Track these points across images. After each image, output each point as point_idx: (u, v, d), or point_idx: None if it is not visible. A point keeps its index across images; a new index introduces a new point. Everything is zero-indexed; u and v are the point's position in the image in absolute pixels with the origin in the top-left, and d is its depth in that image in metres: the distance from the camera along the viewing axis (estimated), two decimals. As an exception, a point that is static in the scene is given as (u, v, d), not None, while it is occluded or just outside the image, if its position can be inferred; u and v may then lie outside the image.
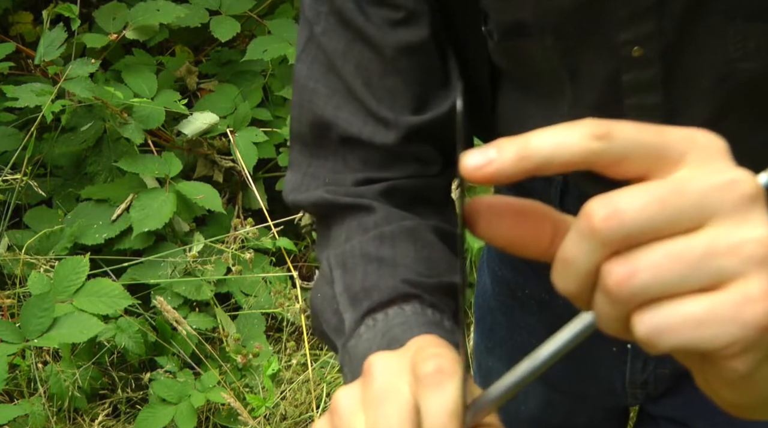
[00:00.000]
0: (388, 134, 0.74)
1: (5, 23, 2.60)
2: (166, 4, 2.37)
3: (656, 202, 0.40)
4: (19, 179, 2.21)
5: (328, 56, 0.75)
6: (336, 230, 0.75)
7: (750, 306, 0.39)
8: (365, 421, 0.48)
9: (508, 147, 0.41)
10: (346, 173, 0.75)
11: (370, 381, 0.49)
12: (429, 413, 0.47)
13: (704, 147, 0.42)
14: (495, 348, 1.08)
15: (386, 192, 0.75)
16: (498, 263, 1.04)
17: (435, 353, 0.49)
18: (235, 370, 2.13)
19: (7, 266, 2.18)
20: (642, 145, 0.42)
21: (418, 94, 0.75)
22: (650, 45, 0.67)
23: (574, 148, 0.41)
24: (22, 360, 1.98)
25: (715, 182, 0.40)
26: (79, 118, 2.30)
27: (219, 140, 2.43)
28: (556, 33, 0.70)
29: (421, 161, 0.76)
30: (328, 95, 0.75)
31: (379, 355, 0.51)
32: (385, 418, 0.47)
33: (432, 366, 0.48)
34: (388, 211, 0.74)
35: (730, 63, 0.67)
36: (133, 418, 2.11)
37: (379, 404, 0.48)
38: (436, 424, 0.46)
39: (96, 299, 1.96)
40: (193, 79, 2.56)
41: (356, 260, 0.70)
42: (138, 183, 2.27)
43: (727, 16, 0.65)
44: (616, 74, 0.70)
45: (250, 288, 2.26)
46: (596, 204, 0.41)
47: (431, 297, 0.68)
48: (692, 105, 0.70)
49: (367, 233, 0.72)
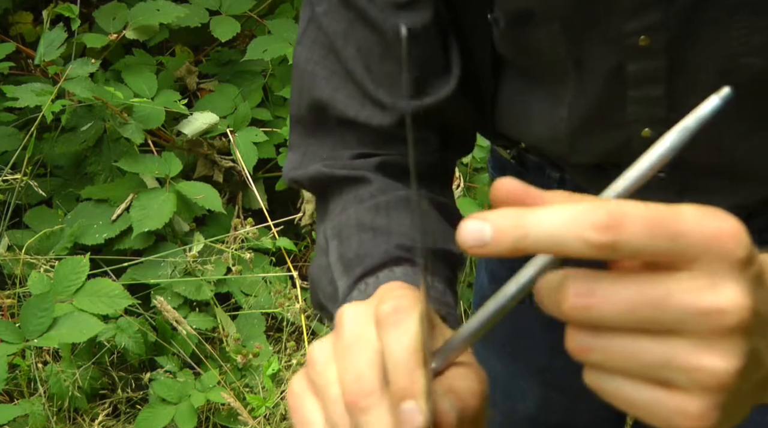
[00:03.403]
0: (384, 117, 0.74)
1: (5, 23, 2.60)
2: (166, 4, 2.37)
3: (635, 303, 0.39)
4: (19, 179, 2.21)
5: (328, 37, 0.75)
6: (333, 204, 0.76)
7: (683, 420, 0.40)
8: (337, 371, 0.49)
9: (505, 234, 0.40)
10: (343, 150, 0.76)
11: (340, 331, 0.51)
12: (389, 352, 0.48)
13: (717, 256, 0.40)
14: (494, 347, 1.08)
15: (381, 165, 0.75)
16: (496, 263, 1.04)
17: (395, 294, 0.50)
18: (235, 370, 2.13)
19: (7, 266, 2.18)
20: (653, 248, 0.39)
21: (418, 80, 0.75)
22: (657, 35, 0.67)
23: (574, 244, 0.39)
24: (22, 360, 1.98)
25: (703, 305, 0.39)
26: (79, 118, 2.30)
27: (219, 140, 2.43)
28: (563, 21, 0.70)
29: (417, 142, 0.76)
30: (326, 78, 0.75)
31: (349, 305, 0.52)
32: (354, 366, 0.48)
33: (389, 307, 0.49)
34: (384, 182, 0.74)
35: (733, 58, 0.67)
36: (133, 418, 2.10)
37: (348, 353, 0.49)
38: (397, 362, 0.47)
39: (96, 299, 1.96)
40: (193, 79, 2.55)
41: (351, 230, 0.70)
42: (138, 183, 2.27)
43: (733, 10, 0.65)
44: (621, 65, 0.70)
45: (250, 288, 2.26)
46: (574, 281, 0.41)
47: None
48: (694, 100, 0.70)
49: (362, 203, 0.72)
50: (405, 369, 0.46)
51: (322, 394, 0.50)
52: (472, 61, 0.78)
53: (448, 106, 0.76)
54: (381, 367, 0.48)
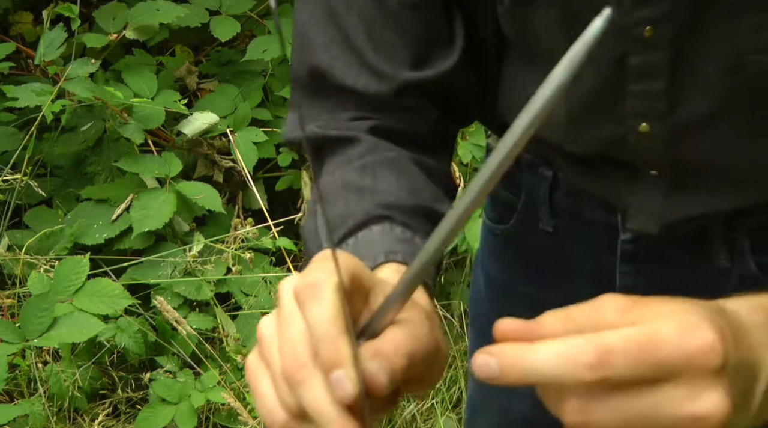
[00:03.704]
0: (381, 85, 0.75)
1: (5, 23, 2.59)
2: (166, 4, 2.37)
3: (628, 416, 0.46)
4: (19, 179, 2.21)
5: (329, 4, 0.75)
6: (327, 166, 0.76)
7: None
8: (278, 346, 0.51)
9: (511, 371, 0.48)
10: (342, 112, 0.77)
11: (280, 305, 0.53)
12: (311, 326, 0.49)
13: (697, 369, 0.46)
14: (486, 344, 1.08)
15: (374, 128, 0.76)
16: (491, 263, 1.04)
17: (312, 267, 0.51)
18: (235, 370, 2.13)
19: (7, 266, 2.18)
20: (639, 372, 0.45)
21: (419, 50, 0.75)
22: (663, 26, 0.66)
23: (571, 378, 0.46)
24: (22, 360, 1.98)
25: (687, 414, 0.45)
26: (79, 118, 2.30)
27: (219, 140, 2.42)
28: (562, 6, 0.69)
29: (415, 111, 0.77)
30: (325, 45, 0.76)
31: (287, 279, 0.53)
32: (289, 341, 0.50)
33: (304, 282, 0.51)
34: (374, 142, 0.75)
35: (740, 54, 0.66)
36: (133, 418, 2.10)
37: (284, 328, 0.51)
38: (320, 335, 0.49)
39: (96, 299, 1.96)
40: (193, 79, 2.55)
41: (338, 191, 0.71)
42: (138, 183, 2.27)
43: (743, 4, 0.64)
44: (623, 56, 0.69)
45: (250, 288, 2.26)
46: (571, 400, 0.47)
47: (403, 217, 0.69)
48: (695, 96, 0.70)
49: (350, 163, 0.73)
50: (327, 339, 0.48)
51: (270, 369, 0.52)
52: (478, 37, 0.78)
53: (450, 78, 0.76)
54: (308, 341, 0.50)
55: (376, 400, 0.50)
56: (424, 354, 0.52)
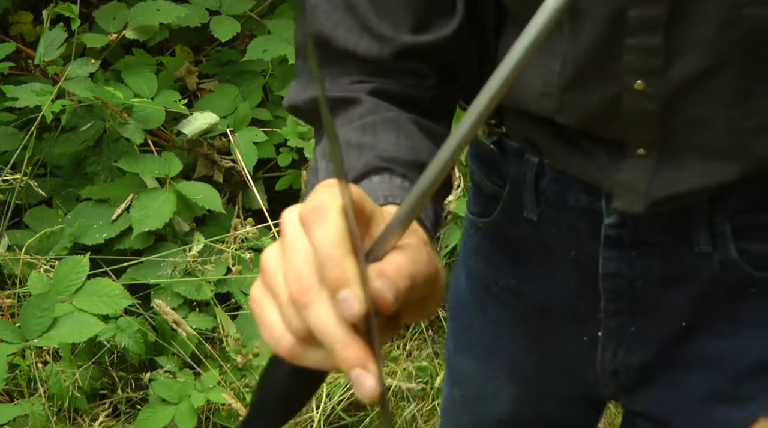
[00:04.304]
0: (382, 48, 0.76)
1: (5, 23, 2.59)
2: (166, 4, 2.37)
3: None
4: (19, 179, 2.21)
5: None
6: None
7: None
8: (282, 273, 0.52)
9: None
10: (343, 78, 0.78)
11: (283, 233, 0.53)
12: (316, 249, 0.50)
13: None
14: (466, 346, 1.08)
15: (375, 90, 0.77)
16: (473, 257, 1.04)
17: (316, 193, 0.52)
18: (235, 370, 2.13)
19: (7, 266, 2.18)
20: None
21: (420, 15, 0.77)
22: None
23: None
24: (22, 360, 1.98)
25: None
26: (79, 118, 2.30)
27: (219, 140, 2.42)
28: None
29: (416, 75, 0.78)
30: (328, 11, 0.77)
31: (289, 209, 0.54)
32: (293, 267, 0.51)
33: (309, 206, 0.51)
34: (375, 103, 0.76)
35: (736, 7, 0.67)
36: (133, 418, 2.10)
37: (288, 255, 0.52)
38: (325, 256, 0.49)
39: (96, 299, 1.96)
40: (193, 79, 2.55)
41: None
42: (138, 183, 2.27)
43: None
44: (622, 10, 0.70)
45: (250, 288, 2.25)
46: None
47: (403, 169, 0.70)
48: (690, 52, 0.71)
49: (351, 123, 0.74)
50: (333, 260, 0.49)
51: (275, 296, 0.53)
52: (478, 9, 0.80)
53: (449, 45, 0.78)
54: (313, 264, 0.50)
55: (378, 323, 0.51)
56: (425, 277, 0.53)
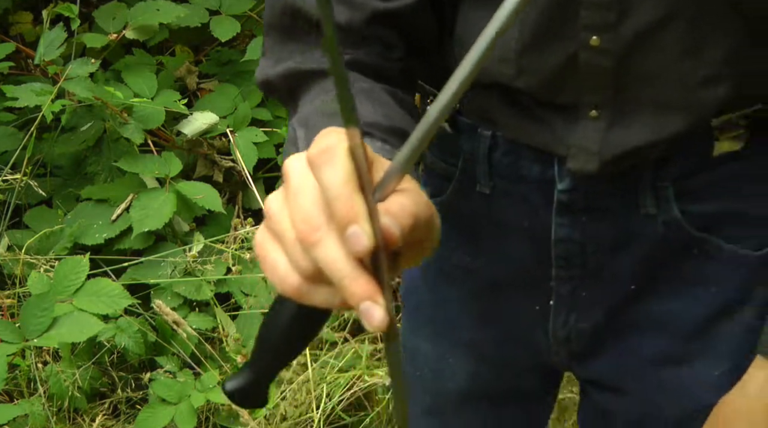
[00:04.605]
0: (353, 14, 0.78)
1: (5, 23, 2.59)
2: (166, 4, 2.37)
3: None
4: (19, 179, 2.21)
5: None
6: (302, 100, 0.79)
7: None
8: (288, 216, 0.54)
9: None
10: (314, 51, 0.80)
11: (287, 180, 0.55)
12: (326, 188, 0.52)
13: None
14: (420, 327, 1.09)
15: (350, 62, 0.79)
16: None
17: (324, 134, 0.54)
18: (235, 370, 2.12)
19: (7, 266, 2.18)
20: None
21: None
22: None
23: None
24: (22, 360, 1.98)
25: None
26: (79, 118, 2.30)
27: (219, 140, 2.42)
28: None
29: (384, 44, 0.81)
30: None
31: (292, 157, 0.56)
32: (300, 208, 0.53)
33: (318, 147, 0.53)
34: (350, 75, 0.77)
35: None
36: (133, 418, 2.10)
37: (295, 198, 0.54)
38: (334, 195, 0.51)
39: (96, 299, 1.96)
40: (193, 79, 2.55)
41: (317, 118, 0.74)
42: (138, 183, 2.26)
43: None
44: None
45: (250, 288, 2.25)
46: None
47: (382, 134, 0.72)
48: (643, 4, 0.75)
49: (327, 93, 0.76)
50: (342, 198, 0.50)
51: (281, 240, 0.55)
52: None
53: (414, 12, 0.80)
54: (321, 204, 0.52)
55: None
56: (425, 218, 0.55)
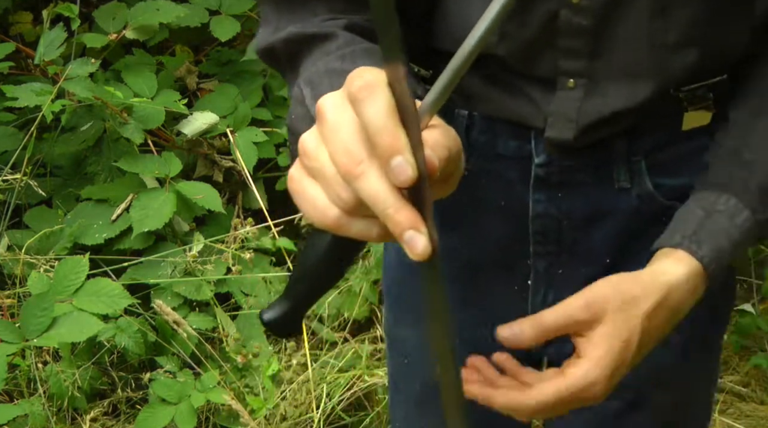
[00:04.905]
0: None
1: (5, 23, 2.60)
2: (166, 3, 2.37)
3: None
4: (19, 179, 2.21)
5: None
6: (305, 63, 0.79)
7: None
8: (327, 152, 0.54)
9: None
10: (312, 19, 0.81)
11: (323, 118, 0.55)
12: (368, 121, 0.52)
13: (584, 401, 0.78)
14: (405, 315, 1.09)
15: (349, 25, 0.80)
16: None
17: (361, 71, 0.54)
18: (235, 370, 2.13)
19: (7, 266, 2.18)
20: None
21: None
22: None
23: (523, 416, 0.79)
24: (21, 359, 1.97)
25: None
26: (79, 118, 2.30)
27: (219, 140, 2.42)
28: None
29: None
30: None
31: (326, 95, 0.56)
32: (341, 143, 0.53)
33: (358, 83, 0.53)
34: (350, 36, 0.79)
35: None
36: (133, 418, 2.10)
37: (333, 134, 0.54)
38: (377, 127, 0.51)
39: (96, 299, 1.96)
40: (193, 79, 2.55)
41: (322, 77, 0.74)
42: (138, 183, 2.26)
43: None
44: None
45: (250, 288, 2.25)
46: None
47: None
48: None
49: (329, 55, 0.77)
50: (385, 130, 0.51)
51: (319, 175, 0.55)
52: None
53: None
54: (362, 137, 0.53)
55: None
56: (457, 150, 0.57)
